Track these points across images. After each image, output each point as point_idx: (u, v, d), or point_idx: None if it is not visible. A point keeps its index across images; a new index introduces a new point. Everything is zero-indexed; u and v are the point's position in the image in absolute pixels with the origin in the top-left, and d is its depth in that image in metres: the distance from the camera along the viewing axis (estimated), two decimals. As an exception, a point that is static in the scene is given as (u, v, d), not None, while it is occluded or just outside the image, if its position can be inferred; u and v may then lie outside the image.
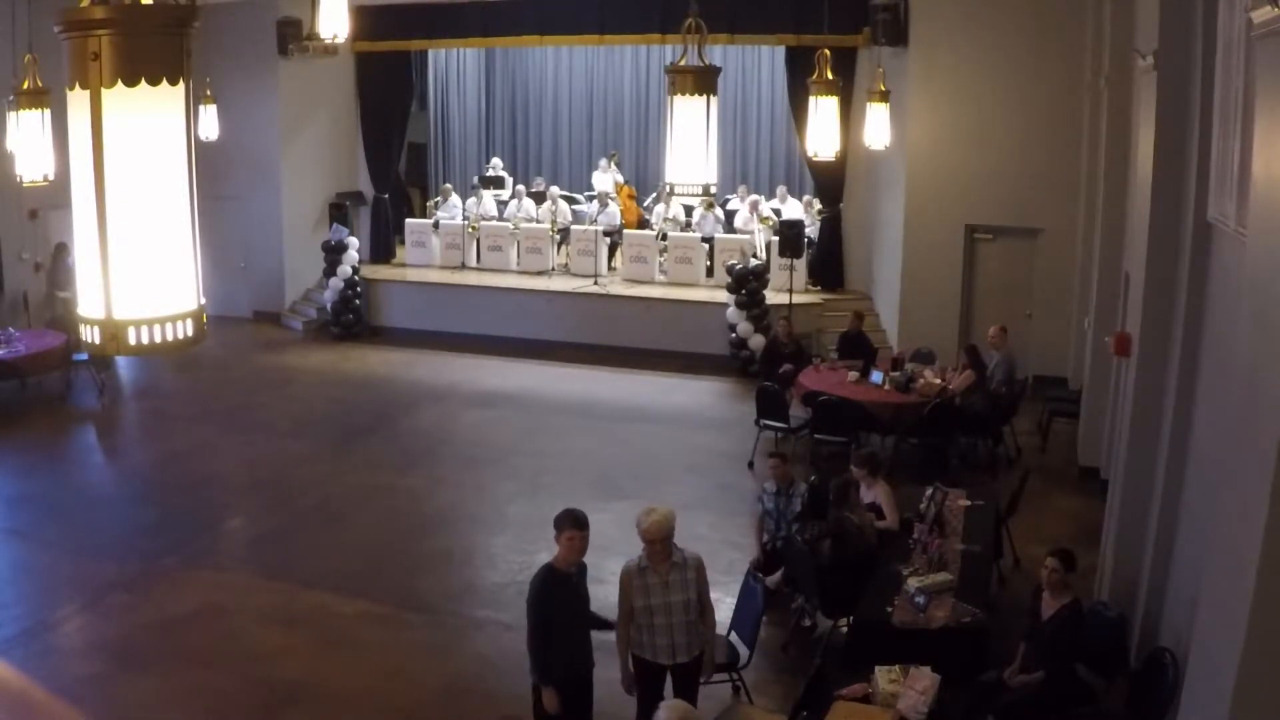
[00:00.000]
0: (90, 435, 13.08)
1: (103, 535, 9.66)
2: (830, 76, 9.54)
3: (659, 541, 5.75)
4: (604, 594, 6.53)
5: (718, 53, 16.45)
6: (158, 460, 11.99)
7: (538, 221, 17.89)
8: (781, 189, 18.25)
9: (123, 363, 14.74)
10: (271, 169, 17.35)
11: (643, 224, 18.32)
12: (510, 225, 17.69)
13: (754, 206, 17.25)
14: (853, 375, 11.62)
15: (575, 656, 5.89)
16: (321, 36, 6.59)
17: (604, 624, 6.06)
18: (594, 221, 17.16)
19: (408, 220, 18.39)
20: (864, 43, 14.69)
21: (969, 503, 8.35)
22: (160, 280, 2.41)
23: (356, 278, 16.88)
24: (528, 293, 16.46)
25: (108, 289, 2.37)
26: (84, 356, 13.22)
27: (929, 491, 8.06)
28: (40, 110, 8.21)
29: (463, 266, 17.49)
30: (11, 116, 8.54)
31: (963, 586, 7.02)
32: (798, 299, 14.73)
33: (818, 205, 16.58)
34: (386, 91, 18.23)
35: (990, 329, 11.88)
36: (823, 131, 9.86)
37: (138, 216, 2.36)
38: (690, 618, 5.86)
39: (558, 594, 5.76)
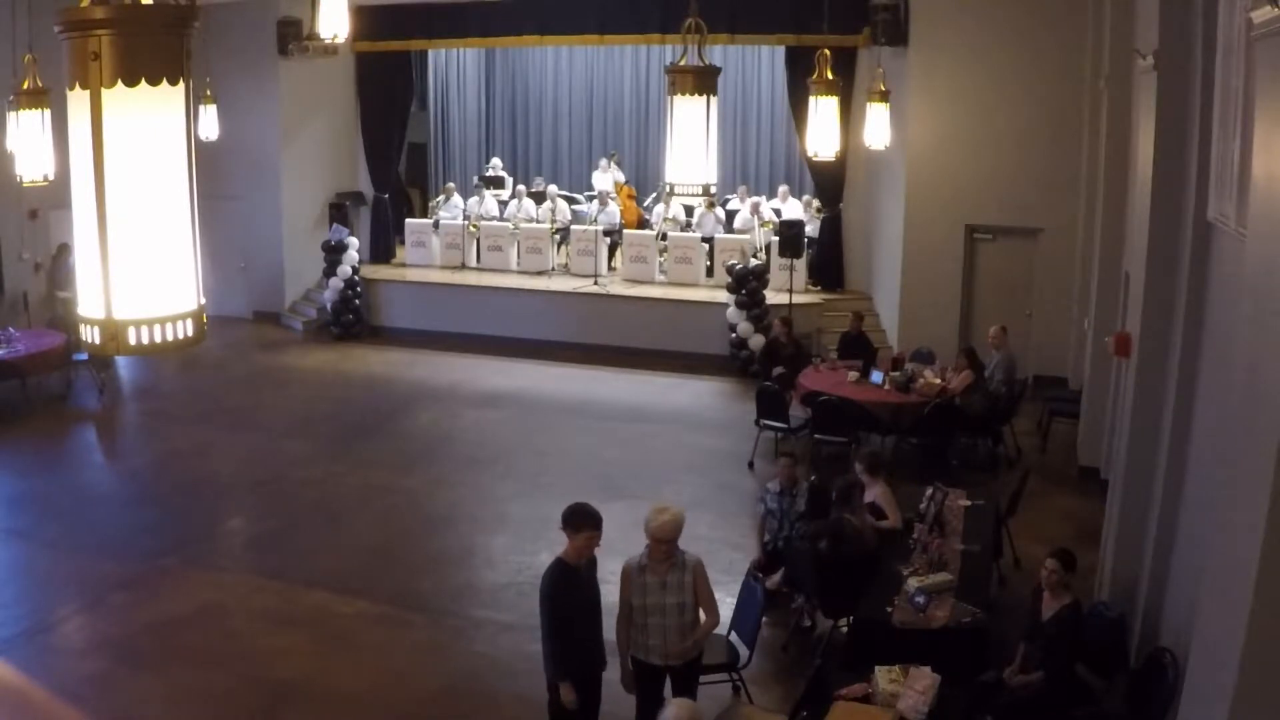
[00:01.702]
0: (90, 435, 13.08)
1: (103, 535, 9.65)
2: (830, 76, 9.53)
3: (665, 542, 5.73)
4: (603, 594, 6.52)
5: (718, 53, 16.47)
6: (158, 460, 11.98)
7: (538, 221, 17.89)
8: (783, 189, 18.24)
9: (123, 363, 14.74)
10: (271, 169, 17.35)
11: (643, 224, 18.32)
12: (510, 225, 17.69)
13: (755, 208, 17.24)
14: (853, 375, 11.62)
15: (588, 652, 5.86)
16: (321, 36, 6.60)
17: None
18: (594, 221, 17.16)
19: (408, 220, 18.39)
20: (864, 43, 14.69)
21: (969, 503, 8.34)
22: (160, 280, 2.41)
23: (356, 278, 16.88)
24: (528, 293, 16.46)
25: (108, 289, 2.37)
26: (84, 356, 13.22)
27: (929, 491, 8.05)
28: (40, 110, 8.21)
29: (463, 266, 17.49)
30: (11, 116, 8.54)
31: (963, 586, 7.02)
32: (798, 299, 14.72)
33: (817, 204, 16.58)
34: (386, 91, 18.23)
35: (990, 329, 11.88)
36: (823, 131, 9.86)
37: (138, 216, 2.36)
38: (685, 620, 5.82)
39: (570, 588, 5.74)
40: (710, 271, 16.35)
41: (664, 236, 17.08)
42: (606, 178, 19.31)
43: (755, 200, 17.61)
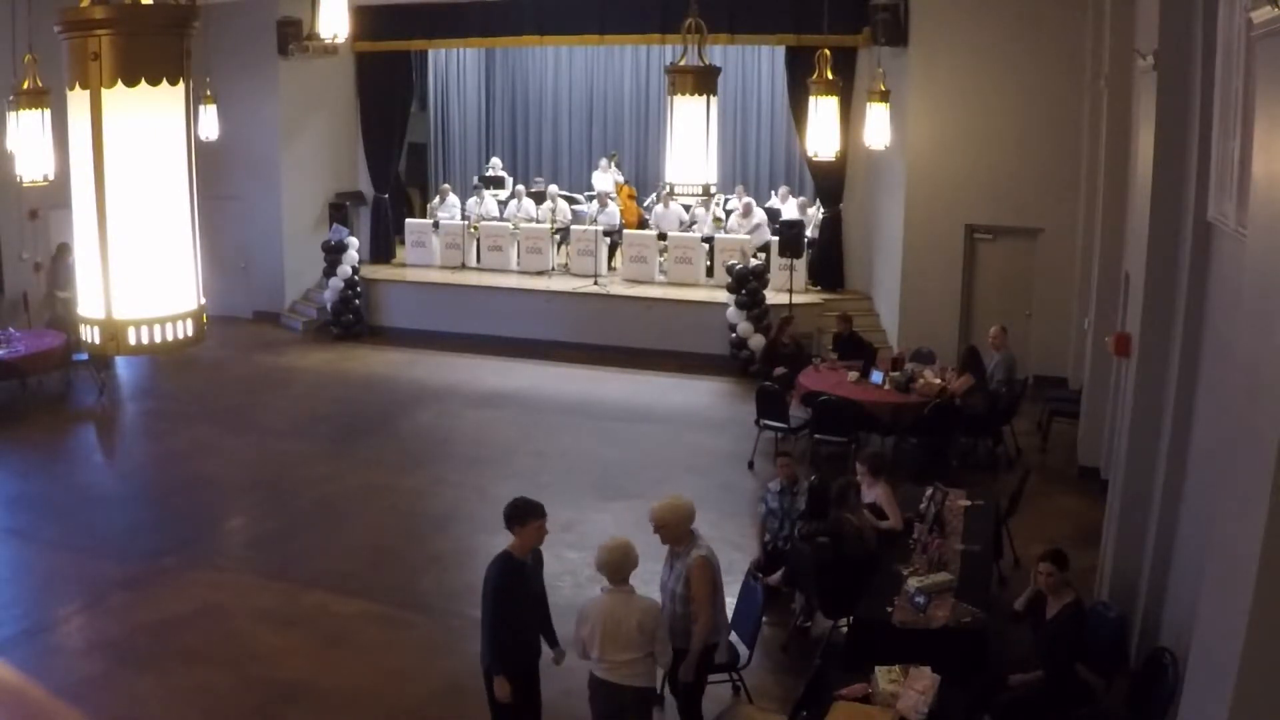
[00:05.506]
0: (90, 435, 13.08)
1: (103, 535, 9.65)
2: (830, 76, 9.52)
3: (659, 528, 5.95)
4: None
5: (718, 53, 16.43)
6: (158, 460, 11.98)
7: (538, 221, 17.89)
8: (784, 189, 18.24)
9: (123, 363, 14.74)
10: (271, 169, 17.34)
11: (643, 224, 18.31)
12: (510, 225, 17.69)
13: (746, 209, 17.16)
14: (853, 375, 11.63)
15: (527, 646, 5.93)
16: (321, 36, 6.59)
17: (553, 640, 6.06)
18: (594, 221, 17.16)
19: (408, 220, 18.39)
20: (864, 43, 14.69)
21: (969, 503, 8.35)
22: (160, 280, 2.40)
23: (356, 278, 16.88)
24: (528, 293, 16.46)
25: (108, 289, 2.36)
26: (84, 356, 13.22)
27: (929, 491, 8.05)
28: (40, 110, 8.20)
29: (463, 266, 17.48)
30: (11, 116, 8.53)
31: (963, 586, 7.02)
32: (798, 299, 14.73)
33: (815, 212, 16.54)
34: (386, 91, 18.22)
35: (991, 329, 11.88)
36: (823, 131, 9.85)
37: (138, 216, 2.36)
38: (674, 609, 5.94)
39: (517, 582, 5.79)
40: (710, 271, 16.35)
41: (664, 236, 17.00)
42: (606, 178, 19.30)
43: (747, 201, 17.50)
